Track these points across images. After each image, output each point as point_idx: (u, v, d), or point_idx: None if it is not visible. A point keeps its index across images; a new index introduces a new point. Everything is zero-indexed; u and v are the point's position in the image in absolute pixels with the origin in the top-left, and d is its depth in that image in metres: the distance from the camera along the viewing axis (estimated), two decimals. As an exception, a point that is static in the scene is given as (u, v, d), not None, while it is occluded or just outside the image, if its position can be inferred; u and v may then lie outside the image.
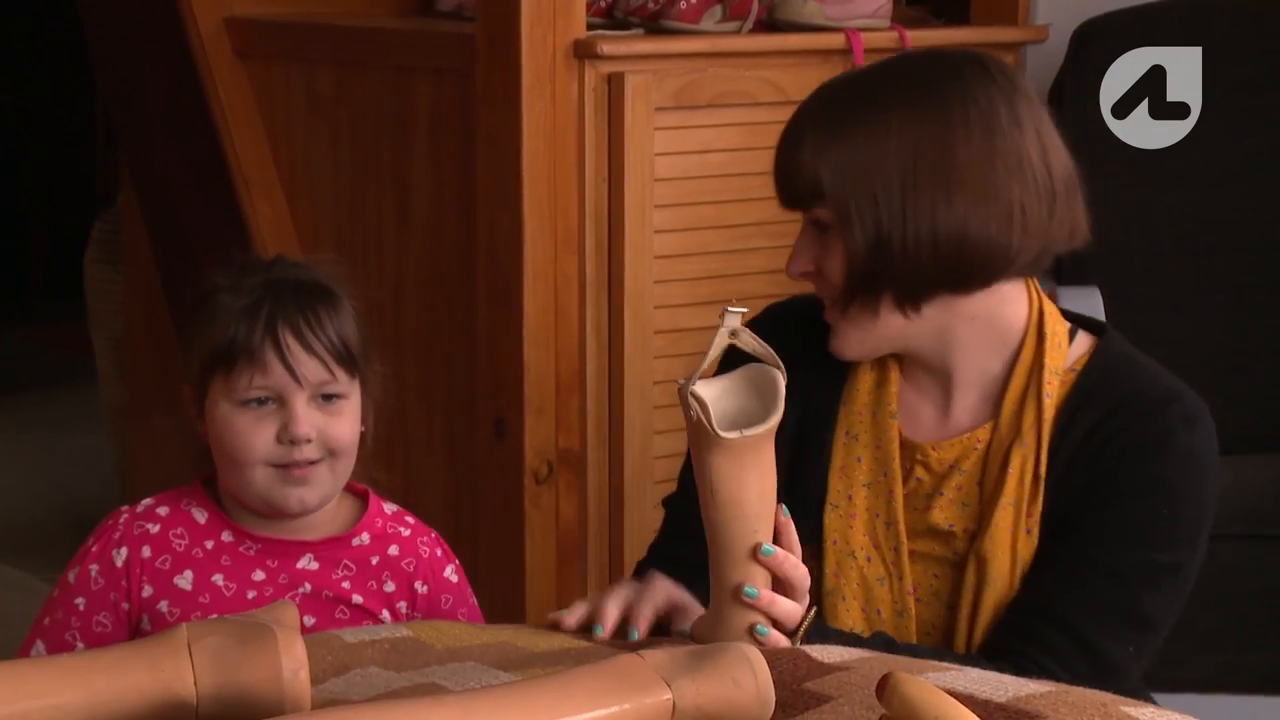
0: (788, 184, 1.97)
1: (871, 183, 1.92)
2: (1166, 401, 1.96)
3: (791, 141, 1.97)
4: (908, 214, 1.92)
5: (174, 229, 3.66)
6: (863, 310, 1.96)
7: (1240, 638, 2.98)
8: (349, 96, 3.26)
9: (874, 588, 1.99)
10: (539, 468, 2.93)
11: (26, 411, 5.66)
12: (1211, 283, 3.23)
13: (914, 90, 1.94)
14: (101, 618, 1.93)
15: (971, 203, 1.91)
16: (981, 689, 1.55)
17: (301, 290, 1.95)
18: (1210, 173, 3.23)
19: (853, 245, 1.93)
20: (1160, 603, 1.94)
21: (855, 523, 2.00)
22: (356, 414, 1.95)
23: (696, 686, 1.47)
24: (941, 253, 1.92)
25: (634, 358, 2.95)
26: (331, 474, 1.93)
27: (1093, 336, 2.04)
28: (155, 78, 3.61)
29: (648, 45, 2.99)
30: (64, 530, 4.53)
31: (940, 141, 1.91)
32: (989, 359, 2.00)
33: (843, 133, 1.93)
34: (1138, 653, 1.94)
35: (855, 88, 1.97)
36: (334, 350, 1.92)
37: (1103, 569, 1.92)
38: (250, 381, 1.91)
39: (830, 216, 1.94)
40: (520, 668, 1.66)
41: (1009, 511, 1.95)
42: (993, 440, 1.98)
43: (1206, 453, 1.97)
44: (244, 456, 1.91)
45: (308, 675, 1.52)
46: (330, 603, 1.95)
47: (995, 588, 1.95)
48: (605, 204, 2.93)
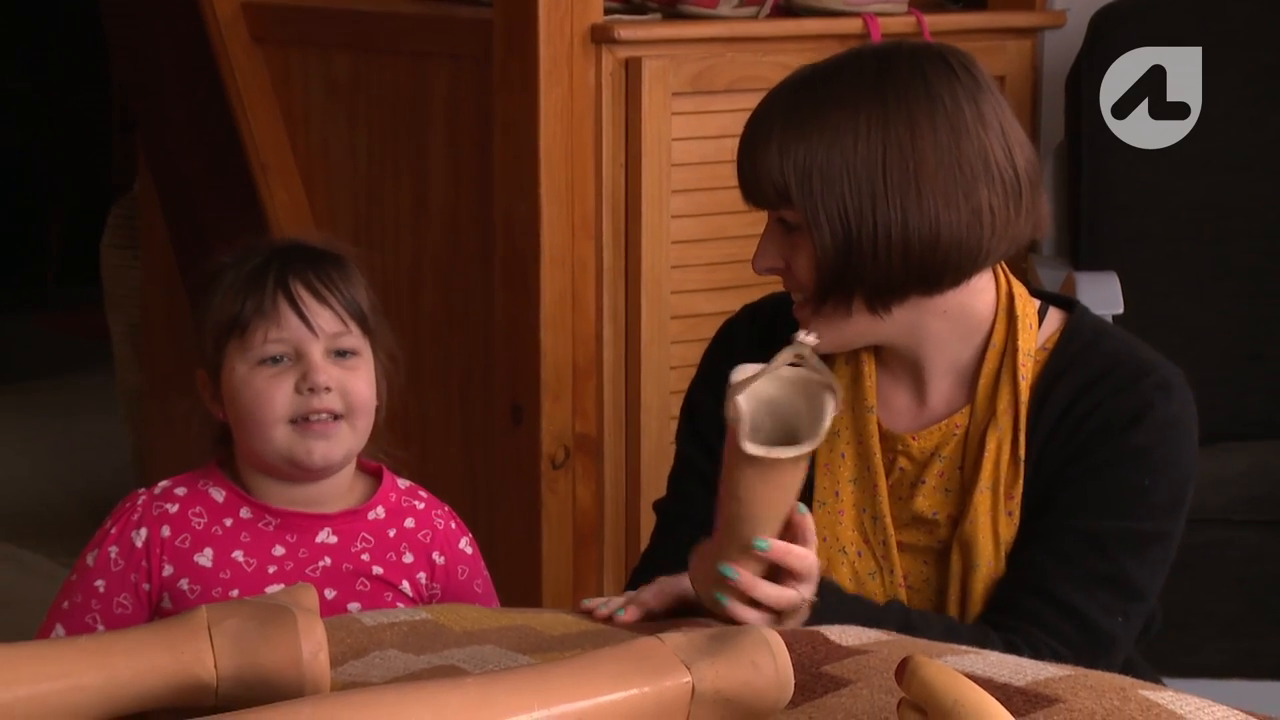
0: (753, 185, 1.96)
1: (839, 186, 1.91)
2: (1141, 373, 1.96)
3: (756, 142, 1.95)
4: (878, 219, 1.91)
5: (191, 214, 3.66)
6: (835, 309, 1.95)
7: (1259, 624, 2.98)
8: (366, 82, 3.26)
9: (866, 582, 1.99)
10: (555, 453, 2.93)
11: (43, 397, 5.67)
12: (1230, 269, 3.22)
13: (879, 91, 1.92)
14: (122, 599, 1.94)
15: (941, 204, 1.91)
16: (1000, 672, 1.55)
17: (309, 252, 1.98)
18: (1229, 158, 3.23)
19: (822, 249, 1.92)
20: (1146, 571, 1.94)
21: (843, 519, 2.01)
22: (371, 375, 1.96)
23: (716, 670, 1.47)
24: (912, 255, 1.91)
25: (651, 343, 2.95)
26: (352, 431, 1.94)
27: (1063, 313, 2.04)
28: (172, 63, 3.61)
29: (665, 30, 2.98)
30: (81, 515, 4.54)
31: (908, 143, 1.90)
32: (960, 348, 2.00)
33: (809, 136, 1.91)
34: (1127, 622, 1.94)
35: (819, 87, 1.94)
36: (346, 303, 1.93)
37: (1086, 540, 1.93)
38: (265, 336, 1.92)
39: (798, 218, 1.93)
40: (539, 651, 1.66)
41: (987, 495, 1.96)
42: (970, 425, 1.99)
43: (1183, 421, 1.96)
44: (264, 414, 1.91)
45: (327, 657, 1.53)
46: (350, 575, 1.96)
47: (981, 571, 1.96)
48: (622, 189, 2.93)
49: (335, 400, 1.92)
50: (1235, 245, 3.23)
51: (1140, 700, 1.48)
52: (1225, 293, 3.22)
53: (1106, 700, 1.48)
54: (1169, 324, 3.12)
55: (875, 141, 1.91)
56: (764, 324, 2.09)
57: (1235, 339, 3.20)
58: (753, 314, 2.13)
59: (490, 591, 2.06)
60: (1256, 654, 2.98)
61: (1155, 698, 1.49)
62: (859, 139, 1.91)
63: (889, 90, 1.92)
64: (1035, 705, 1.49)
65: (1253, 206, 3.24)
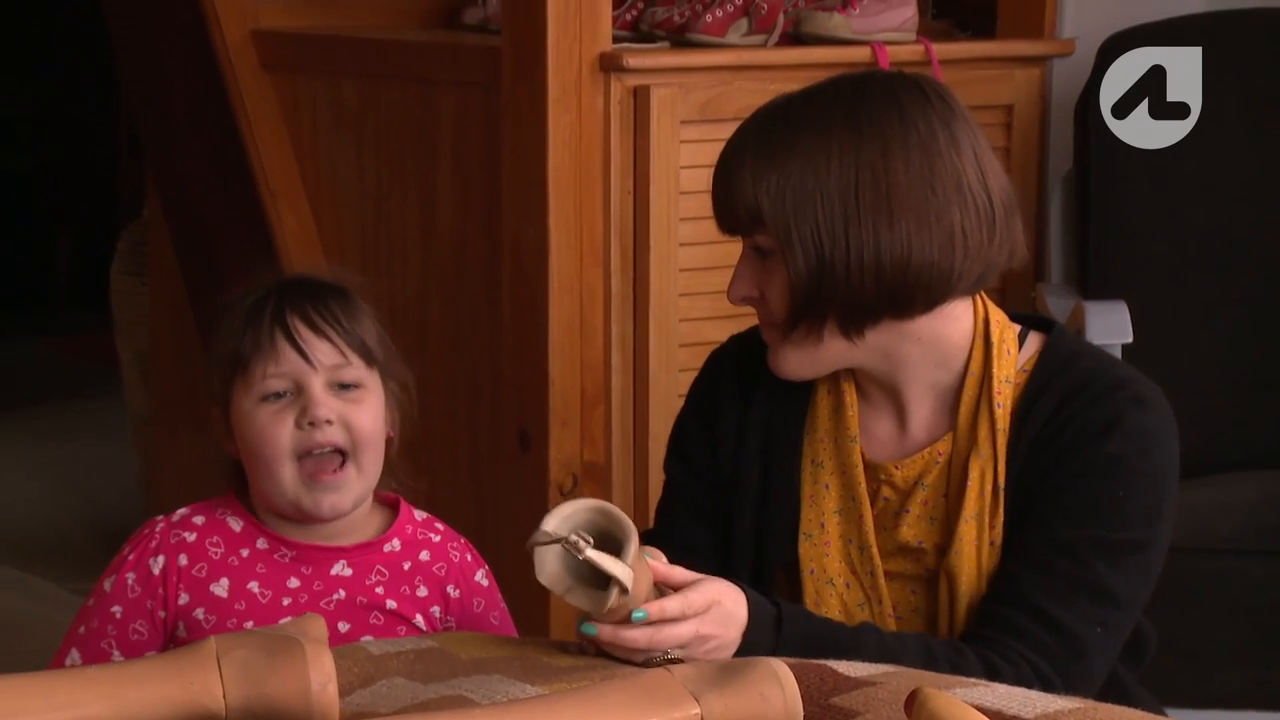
0: (727, 210, 1.97)
1: (812, 210, 1.92)
2: (1115, 387, 1.97)
3: (730, 167, 1.96)
4: (850, 241, 1.92)
5: (199, 240, 3.67)
6: (807, 335, 1.96)
7: (1269, 654, 2.97)
8: (374, 108, 3.26)
9: (855, 613, 1.99)
10: (563, 480, 2.93)
11: (50, 421, 5.67)
12: (1239, 298, 3.22)
13: (852, 115, 1.93)
14: (138, 626, 1.94)
15: (913, 227, 1.91)
16: (1010, 705, 1.55)
17: (311, 286, 1.98)
18: (1238, 188, 3.23)
19: (795, 272, 1.93)
20: (1123, 580, 1.93)
21: (830, 550, 2.01)
22: (378, 406, 1.95)
23: (725, 702, 1.47)
24: (885, 279, 1.92)
25: (659, 371, 2.95)
26: (359, 473, 1.93)
27: (1042, 335, 2.04)
28: (181, 89, 3.62)
29: (673, 58, 2.99)
30: (88, 540, 4.53)
31: (880, 167, 1.91)
32: (937, 373, 2.00)
33: (782, 159, 1.92)
34: (1106, 632, 1.93)
35: (793, 113, 1.95)
36: (345, 335, 1.93)
37: (1061, 549, 1.93)
38: (265, 372, 1.92)
39: (771, 243, 1.94)
40: (546, 681, 1.66)
41: (972, 525, 1.96)
42: (953, 453, 1.99)
43: (1158, 432, 1.96)
44: (269, 452, 1.91)
45: (336, 689, 1.52)
46: (364, 609, 1.96)
47: (965, 602, 1.96)
48: (630, 217, 2.93)
49: (338, 433, 1.92)
50: (1244, 274, 3.23)
51: (1150, 733, 1.48)
52: (1234, 321, 3.22)
53: (1116, 733, 1.48)
54: (1178, 353, 3.12)
55: (848, 163, 1.92)
56: (751, 354, 2.09)
57: (1244, 368, 3.20)
58: (740, 344, 2.13)
59: (508, 623, 2.06)
60: (1266, 684, 2.97)
61: (1165, 731, 1.49)
62: (831, 161, 1.92)
63: (862, 114, 1.93)
64: (1045, 738, 1.48)
65: (1262, 235, 3.24)
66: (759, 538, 2.03)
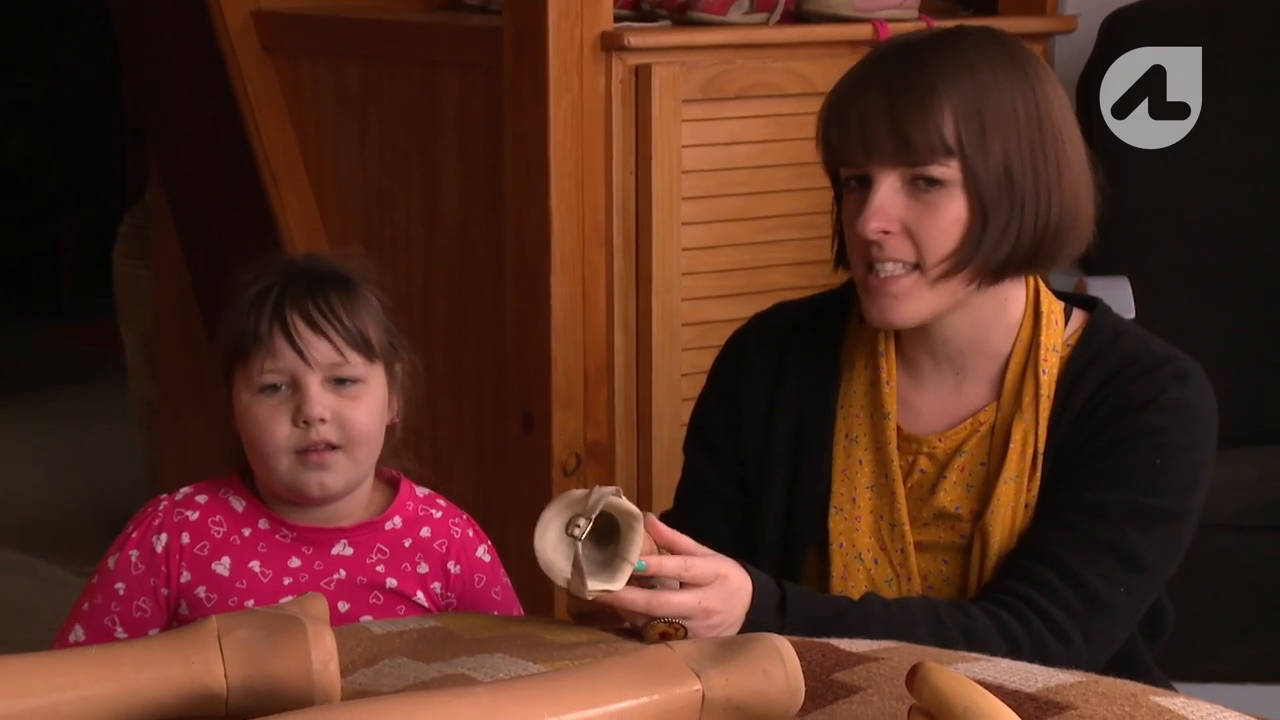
0: (913, 135, 1.89)
1: (1006, 146, 1.91)
2: (1157, 364, 1.98)
3: (921, 88, 1.90)
4: (1039, 184, 1.92)
5: (202, 224, 3.67)
6: (955, 279, 1.93)
7: (1272, 630, 2.98)
8: (377, 91, 3.26)
9: (882, 588, 1.99)
10: (567, 460, 2.93)
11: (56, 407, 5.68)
12: (1243, 275, 3.22)
13: (1013, 58, 1.93)
14: (141, 603, 1.95)
15: (1079, 182, 1.94)
16: (1011, 679, 1.55)
17: (315, 277, 1.97)
18: (1241, 164, 3.22)
19: (984, 208, 1.90)
20: (1152, 546, 1.93)
21: (860, 525, 2.00)
22: (376, 401, 1.95)
23: (726, 677, 1.47)
24: (1061, 228, 1.93)
25: (662, 350, 2.95)
26: (351, 461, 1.94)
27: (1085, 313, 2.04)
28: (183, 73, 3.61)
29: (675, 37, 2.98)
30: (94, 524, 4.54)
31: (1048, 115, 1.93)
32: (997, 341, 2.01)
33: (978, 89, 1.90)
34: (1129, 595, 1.93)
35: (963, 47, 1.93)
36: (344, 333, 1.93)
37: (1092, 511, 1.93)
38: (262, 367, 1.93)
39: (955, 175, 1.91)
40: (549, 659, 1.66)
41: (1010, 486, 1.96)
42: (996, 420, 1.99)
43: (1198, 407, 1.97)
44: (265, 445, 1.93)
45: (337, 667, 1.53)
46: (364, 588, 1.96)
47: (995, 562, 1.96)
48: (633, 196, 2.93)
49: (331, 431, 1.92)
50: (1248, 251, 3.22)
51: (1152, 706, 1.48)
52: (1238, 299, 3.22)
53: (1118, 706, 1.48)
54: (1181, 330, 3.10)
55: (1030, 106, 1.92)
56: (773, 334, 2.08)
57: (1248, 345, 3.19)
58: (762, 323, 2.12)
59: (510, 598, 2.06)
60: (1269, 659, 2.97)
61: (1167, 704, 1.49)
62: (1016, 101, 1.91)
63: (1024, 62, 1.94)
64: (1047, 711, 1.48)
65: (1265, 212, 3.23)
66: (789, 513, 2.03)
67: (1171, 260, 3.22)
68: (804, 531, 2.02)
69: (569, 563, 1.71)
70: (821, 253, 3.06)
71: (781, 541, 2.03)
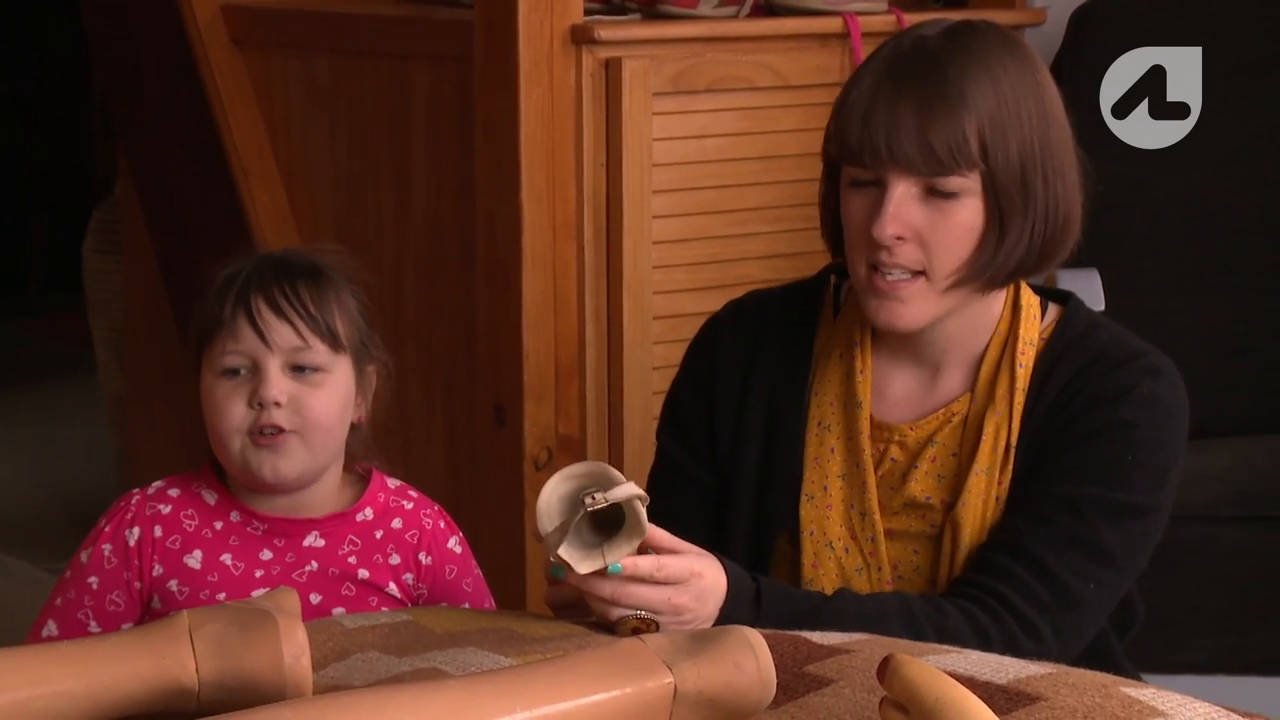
0: (939, 148, 1.89)
1: (1022, 155, 1.91)
2: (1131, 358, 1.99)
3: (952, 101, 1.89)
4: (1049, 188, 1.93)
5: (172, 218, 3.66)
6: (966, 287, 1.94)
7: (1243, 620, 2.99)
8: (347, 84, 3.26)
9: (853, 577, 2.00)
10: (539, 454, 2.93)
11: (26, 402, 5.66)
12: (1213, 265, 3.23)
13: (1017, 57, 1.93)
14: (114, 596, 1.95)
15: (1078, 178, 1.96)
16: (982, 671, 1.55)
17: (285, 266, 1.97)
18: (1211, 154, 3.23)
19: (1002, 218, 1.91)
20: (1122, 541, 1.94)
21: (831, 514, 2.01)
22: (338, 392, 1.95)
23: (698, 670, 1.47)
24: (1067, 229, 1.95)
25: (633, 343, 2.95)
26: (305, 448, 1.93)
27: (1059, 306, 2.05)
28: (152, 66, 3.60)
29: (645, 30, 2.98)
30: (64, 521, 4.53)
31: (1055, 114, 1.94)
32: (980, 336, 2.01)
33: (998, 99, 1.90)
34: (1099, 590, 1.94)
35: (979, 50, 1.92)
36: (308, 319, 1.93)
37: (1063, 505, 1.94)
38: (224, 349, 1.93)
39: (967, 184, 1.91)
40: (521, 652, 1.66)
41: (981, 479, 1.97)
42: (969, 411, 1.99)
43: (1170, 402, 1.98)
44: (221, 426, 1.93)
45: (309, 661, 1.53)
46: (336, 580, 1.96)
47: (965, 554, 1.97)
48: (603, 189, 2.93)
49: (286, 416, 1.92)
50: (1218, 241, 3.23)
51: (1122, 698, 1.49)
52: (1208, 289, 3.22)
53: (1088, 698, 1.48)
54: (1152, 320, 3.12)
55: (1041, 108, 1.93)
56: (748, 321, 2.09)
57: (1218, 335, 3.21)
58: (736, 311, 2.12)
59: (482, 589, 2.06)
60: (1240, 650, 2.98)
61: (1137, 695, 1.49)
62: (1028, 105, 1.92)
63: (1025, 55, 1.94)
64: (1017, 703, 1.49)
65: (1235, 202, 3.24)
66: (760, 499, 2.04)
67: (1142, 250, 3.22)
68: (775, 519, 2.03)
69: (559, 519, 1.70)
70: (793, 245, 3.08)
71: (753, 528, 2.04)
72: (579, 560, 1.70)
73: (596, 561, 1.70)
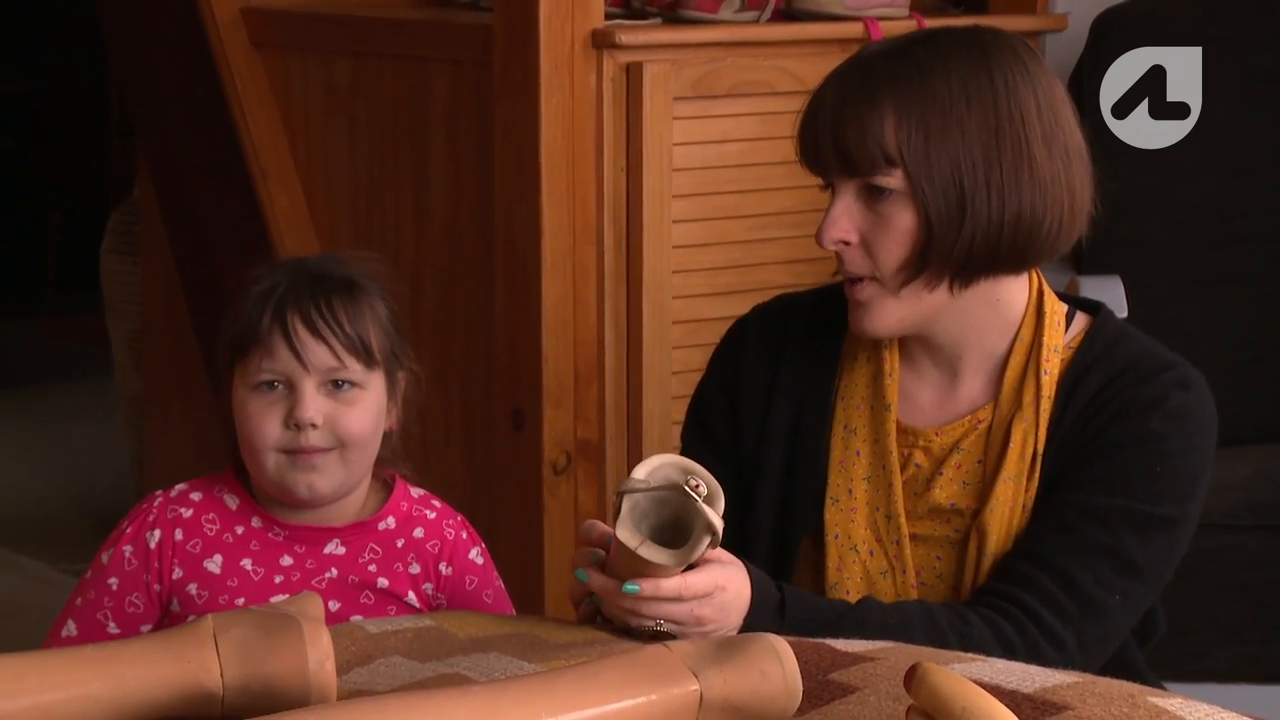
0: (852, 146, 1.91)
1: (954, 152, 1.90)
2: (1161, 369, 1.98)
3: (862, 100, 1.91)
4: (991, 190, 1.91)
5: (190, 220, 3.66)
6: (918, 286, 1.94)
7: (1263, 629, 2.98)
8: (366, 87, 3.26)
9: (877, 580, 1.99)
10: (557, 458, 2.93)
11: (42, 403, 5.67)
12: (1231, 273, 3.22)
13: (984, 64, 1.92)
14: (134, 598, 1.95)
15: (1049, 181, 1.93)
16: (1008, 680, 1.55)
17: (321, 280, 1.96)
18: (1230, 162, 3.22)
19: (933, 213, 1.91)
20: (1149, 553, 1.93)
21: (856, 517, 2.00)
22: (373, 407, 1.95)
23: (724, 677, 1.47)
24: (1020, 231, 1.92)
25: (652, 348, 2.95)
26: (343, 464, 1.93)
27: (1088, 316, 2.05)
28: (171, 68, 3.60)
29: (666, 35, 2.98)
30: (80, 521, 4.53)
31: (1018, 118, 1.91)
32: (996, 340, 2.00)
33: (921, 98, 1.90)
34: (1124, 601, 1.93)
35: (917, 56, 1.93)
36: (344, 339, 1.92)
37: (1090, 515, 1.93)
38: (259, 365, 1.92)
39: (899, 183, 1.91)
40: (544, 658, 1.66)
41: (1009, 486, 1.96)
42: (994, 419, 1.99)
43: (1200, 414, 1.97)
44: (256, 442, 1.93)
45: (333, 666, 1.52)
46: (355, 588, 1.96)
47: (991, 562, 1.96)
48: (623, 194, 2.93)
49: (322, 436, 1.92)
50: (1237, 249, 3.23)
51: (1149, 707, 1.48)
52: (1227, 297, 3.22)
53: (1115, 707, 1.48)
54: (1171, 328, 3.12)
55: (988, 110, 1.91)
56: (774, 324, 2.09)
57: (1237, 343, 3.20)
58: (763, 314, 2.12)
59: (503, 601, 2.06)
60: (1261, 659, 2.97)
61: (1164, 704, 1.49)
62: (971, 108, 1.90)
63: (994, 65, 1.92)
64: (1044, 712, 1.48)
65: (1254, 210, 3.24)
66: (784, 502, 2.03)
67: (1161, 258, 3.22)
68: (799, 522, 2.02)
69: (644, 497, 1.68)
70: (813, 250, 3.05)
71: (776, 531, 2.04)
72: (631, 537, 1.68)
73: (654, 551, 1.69)
